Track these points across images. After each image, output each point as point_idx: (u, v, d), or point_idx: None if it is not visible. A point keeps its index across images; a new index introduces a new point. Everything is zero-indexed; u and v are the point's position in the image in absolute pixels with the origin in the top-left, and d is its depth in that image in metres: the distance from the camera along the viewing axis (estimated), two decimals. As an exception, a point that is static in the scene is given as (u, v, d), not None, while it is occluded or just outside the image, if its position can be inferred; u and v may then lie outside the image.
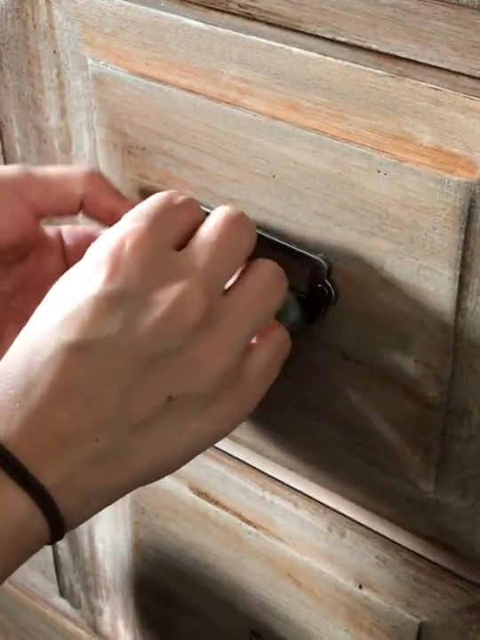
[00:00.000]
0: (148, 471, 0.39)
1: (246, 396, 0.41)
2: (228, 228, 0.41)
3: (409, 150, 0.38)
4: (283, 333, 0.43)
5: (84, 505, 0.38)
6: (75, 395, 0.37)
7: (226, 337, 0.39)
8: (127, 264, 0.38)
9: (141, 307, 0.38)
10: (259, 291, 0.41)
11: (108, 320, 0.37)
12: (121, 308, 0.37)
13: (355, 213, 0.41)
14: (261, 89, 0.41)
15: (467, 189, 0.37)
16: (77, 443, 0.37)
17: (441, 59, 0.36)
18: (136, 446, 0.38)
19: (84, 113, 0.49)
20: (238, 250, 0.41)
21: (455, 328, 0.40)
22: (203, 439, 0.40)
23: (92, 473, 0.37)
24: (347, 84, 0.39)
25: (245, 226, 0.42)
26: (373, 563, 0.51)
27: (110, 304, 0.37)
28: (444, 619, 0.49)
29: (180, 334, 0.38)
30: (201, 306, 0.39)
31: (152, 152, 0.46)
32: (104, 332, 0.37)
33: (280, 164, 0.42)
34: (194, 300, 0.38)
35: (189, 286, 0.39)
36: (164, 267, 0.39)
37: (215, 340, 0.39)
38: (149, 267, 0.38)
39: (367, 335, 0.43)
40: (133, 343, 0.37)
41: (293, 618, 0.56)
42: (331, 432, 0.48)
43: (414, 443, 0.44)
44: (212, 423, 0.40)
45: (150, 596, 0.66)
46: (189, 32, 0.42)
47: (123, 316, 0.38)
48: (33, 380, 0.36)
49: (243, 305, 0.41)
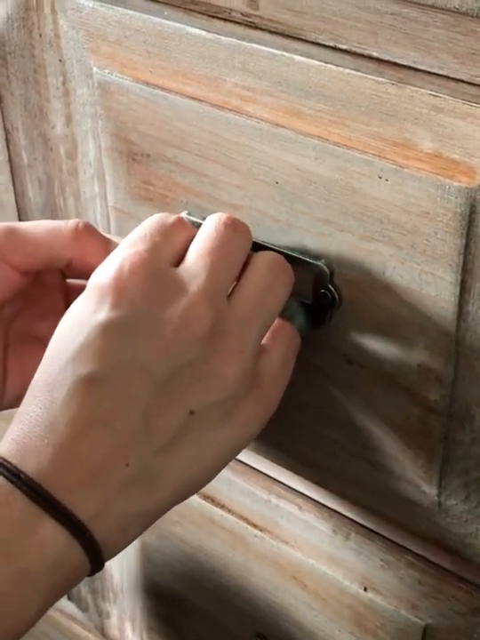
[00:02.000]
0: (181, 489, 0.39)
1: (266, 396, 0.42)
2: (221, 235, 0.41)
3: (410, 156, 0.38)
4: (290, 330, 0.44)
5: (120, 532, 0.38)
6: (98, 425, 0.37)
7: (236, 343, 0.40)
8: (129, 288, 0.39)
9: (150, 328, 0.38)
10: (260, 289, 0.42)
11: (120, 347, 0.38)
12: (130, 332, 0.38)
13: (357, 219, 0.41)
14: (264, 96, 0.42)
15: (467, 195, 0.37)
16: (107, 471, 0.37)
17: (441, 66, 0.36)
18: (166, 466, 0.38)
19: (90, 120, 0.49)
20: (234, 254, 0.42)
21: (457, 332, 0.41)
22: (231, 447, 0.41)
23: (126, 499, 0.37)
24: (348, 92, 0.39)
25: (238, 229, 0.42)
26: (378, 565, 0.51)
27: (119, 331, 0.38)
28: (449, 621, 0.49)
29: (190, 348, 0.39)
30: (207, 317, 0.39)
31: (156, 159, 0.47)
32: (117, 359, 0.38)
33: (282, 170, 0.42)
34: (199, 312, 0.39)
35: (193, 300, 0.39)
36: (165, 285, 0.39)
37: (226, 347, 0.39)
38: (151, 287, 0.39)
39: (370, 339, 0.44)
40: (147, 366, 0.38)
41: (299, 620, 0.56)
42: (335, 435, 0.48)
43: (417, 446, 0.45)
44: (237, 429, 0.40)
45: (157, 599, 0.66)
46: (193, 40, 0.43)
47: (133, 341, 0.38)
48: (56, 416, 0.37)
49: (247, 308, 0.41)
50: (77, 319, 0.39)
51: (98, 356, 0.37)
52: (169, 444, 0.38)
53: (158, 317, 0.38)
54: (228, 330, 0.40)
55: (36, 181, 0.54)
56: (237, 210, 0.45)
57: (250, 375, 0.41)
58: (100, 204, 0.51)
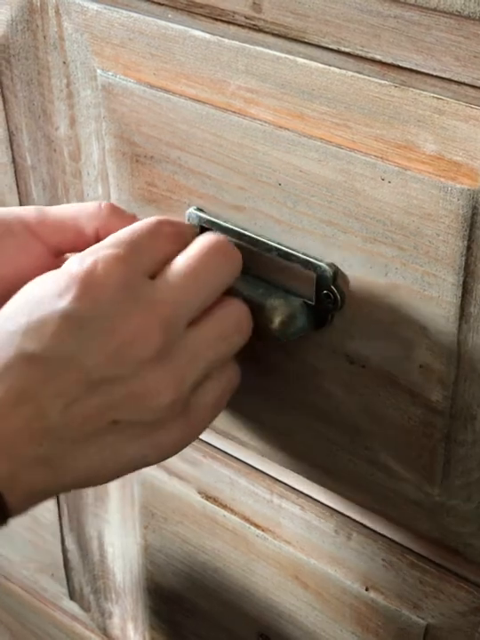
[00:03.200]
0: (82, 481, 0.41)
1: (191, 426, 0.43)
2: (207, 258, 0.42)
3: (412, 158, 0.39)
4: (235, 371, 0.45)
5: (26, 500, 0.39)
6: (26, 400, 0.38)
7: (177, 372, 0.41)
8: (97, 287, 0.39)
9: (101, 333, 0.39)
10: (222, 332, 0.42)
11: (68, 340, 0.39)
12: (82, 330, 0.39)
13: (359, 220, 0.41)
14: (267, 99, 0.42)
15: (469, 197, 0.37)
16: (23, 444, 0.38)
17: (443, 69, 0.37)
18: (75, 459, 0.40)
19: (93, 122, 0.49)
20: (214, 281, 0.42)
21: (459, 333, 0.41)
22: (140, 462, 0.42)
23: (34, 475, 0.39)
24: (351, 94, 0.39)
25: (227, 255, 0.43)
26: (380, 565, 0.51)
27: (73, 325, 0.39)
28: (450, 621, 0.50)
29: (130, 365, 0.40)
30: (156, 343, 0.40)
31: (160, 161, 0.47)
32: (62, 350, 0.39)
33: (286, 172, 0.43)
34: (150, 335, 0.40)
35: (150, 321, 0.40)
36: (132, 295, 0.40)
37: (165, 374, 0.40)
38: (118, 293, 0.40)
39: (372, 340, 0.44)
40: (85, 365, 0.39)
41: (300, 620, 0.57)
42: (337, 436, 0.48)
43: (419, 446, 0.45)
44: (153, 450, 0.42)
45: (159, 599, 0.66)
46: (196, 43, 0.43)
47: (82, 339, 0.39)
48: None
49: (202, 343, 0.42)
50: (42, 294, 0.40)
51: (47, 339, 0.38)
52: (84, 440, 0.40)
53: (112, 325, 0.39)
54: (173, 356, 0.40)
55: (40, 183, 0.54)
56: (241, 211, 0.45)
57: (181, 404, 0.41)
58: (103, 205, 0.52)
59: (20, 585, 0.80)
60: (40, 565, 0.76)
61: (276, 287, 0.46)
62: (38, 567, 0.76)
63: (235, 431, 0.53)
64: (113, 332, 0.39)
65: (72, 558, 0.72)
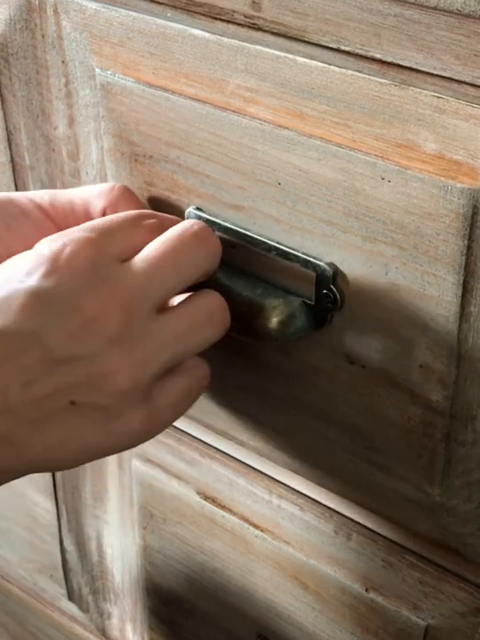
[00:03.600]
0: (41, 462, 0.41)
1: (152, 420, 0.42)
2: (180, 243, 0.41)
3: (412, 158, 0.39)
4: (204, 371, 0.44)
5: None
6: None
7: (138, 357, 0.40)
8: (62, 268, 0.39)
9: (65, 310, 0.39)
10: (192, 323, 0.42)
11: (32, 317, 0.39)
12: (46, 307, 0.39)
13: (359, 220, 0.41)
14: (267, 98, 0.42)
15: (470, 196, 0.37)
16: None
17: (443, 67, 0.37)
18: (32, 437, 0.39)
19: (92, 122, 0.49)
20: (187, 267, 0.42)
21: (459, 333, 0.41)
22: (97, 450, 0.41)
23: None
24: (351, 93, 0.39)
25: (203, 241, 0.42)
26: (379, 566, 0.51)
27: (37, 301, 0.39)
28: (450, 621, 0.50)
29: (92, 345, 0.39)
30: (118, 323, 0.39)
31: (159, 160, 0.47)
32: (25, 326, 0.38)
33: (285, 171, 0.42)
34: (112, 315, 0.39)
35: (112, 299, 0.39)
36: (98, 276, 0.40)
37: (125, 357, 0.40)
38: (83, 274, 0.40)
39: (372, 340, 0.44)
40: (47, 342, 0.39)
41: (300, 621, 0.56)
42: (336, 436, 0.48)
43: (419, 446, 0.45)
44: (112, 438, 0.41)
45: (158, 600, 0.66)
46: (196, 42, 0.43)
47: (45, 316, 0.39)
48: None
49: (170, 332, 0.41)
50: (11, 273, 0.40)
51: (11, 314, 0.38)
52: (42, 420, 0.39)
53: (77, 303, 0.39)
54: (137, 343, 0.40)
55: (39, 182, 0.54)
56: (240, 211, 0.45)
57: (142, 393, 0.41)
58: (102, 204, 0.52)
59: (19, 585, 0.80)
60: (39, 566, 0.76)
61: (275, 287, 0.46)
62: (37, 568, 0.76)
63: (233, 431, 0.53)
64: (76, 311, 0.39)
65: (71, 559, 0.71)
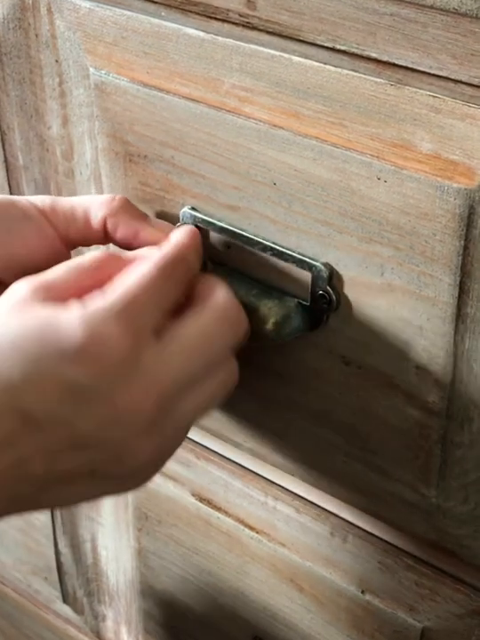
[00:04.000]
0: (41, 509, 0.42)
1: (162, 451, 0.42)
2: (214, 327, 0.41)
3: (408, 157, 0.38)
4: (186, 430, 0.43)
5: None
6: (12, 450, 0.38)
7: (161, 441, 0.40)
8: (99, 358, 0.38)
9: (98, 403, 0.39)
10: (212, 399, 0.42)
11: (66, 405, 0.38)
12: (81, 398, 0.38)
13: (355, 220, 0.41)
14: (262, 97, 0.42)
15: (466, 196, 0.37)
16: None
17: (439, 67, 0.36)
18: (44, 497, 0.40)
19: (86, 121, 0.49)
20: (216, 353, 0.42)
21: (455, 334, 0.40)
22: (101, 497, 0.42)
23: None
24: (346, 93, 0.39)
25: (234, 323, 0.42)
26: (375, 568, 0.51)
27: (73, 393, 0.38)
28: (447, 623, 0.49)
29: (121, 432, 0.39)
30: (149, 415, 0.39)
31: (153, 160, 0.47)
32: (57, 413, 0.38)
33: (281, 171, 0.42)
34: (144, 407, 0.39)
35: (145, 394, 0.39)
36: (134, 364, 0.39)
37: (152, 443, 0.40)
38: (120, 363, 0.39)
39: (368, 341, 0.44)
40: (77, 428, 0.38)
41: (296, 623, 0.56)
42: (332, 437, 0.48)
43: (415, 448, 0.45)
44: (119, 489, 0.42)
45: (153, 602, 0.66)
46: (190, 41, 0.43)
47: (79, 406, 0.38)
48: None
49: (190, 413, 0.41)
50: (41, 348, 0.38)
51: (44, 401, 0.38)
52: (58, 485, 0.39)
53: (110, 397, 0.39)
54: (164, 429, 0.40)
55: (32, 183, 0.54)
56: (235, 211, 0.45)
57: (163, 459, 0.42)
58: (96, 205, 0.51)
59: (13, 588, 0.79)
60: (33, 568, 0.75)
61: (270, 287, 0.46)
62: (31, 570, 0.76)
63: (229, 433, 0.53)
64: (109, 403, 0.39)
65: (65, 561, 0.71)
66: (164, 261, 0.41)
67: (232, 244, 0.46)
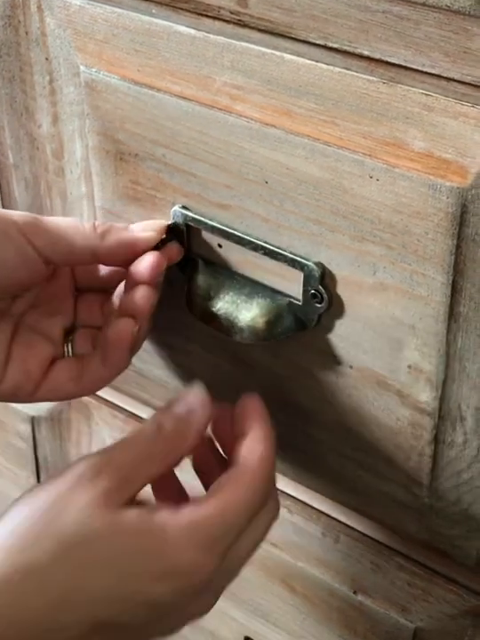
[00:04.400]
0: None
1: (227, 582, 0.43)
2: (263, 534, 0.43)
3: (401, 156, 0.38)
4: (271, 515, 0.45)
5: None
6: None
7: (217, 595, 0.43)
8: (190, 585, 0.40)
9: (172, 615, 0.41)
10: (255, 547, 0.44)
11: (146, 622, 0.40)
12: (159, 613, 0.40)
13: (347, 219, 0.41)
14: (254, 95, 0.41)
15: (459, 195, 0.37)
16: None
17: (432, 64, 0.36)
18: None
19: (77, 120, 0.49)
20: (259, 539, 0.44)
21: (448, 333, 0.40)
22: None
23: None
24: (339, 91, 0.39)
25: (276, 517, 0.45)
26: (367, 568, 0.51)
27: (156, 612, 0.40)
28: (439, 624, 0.49)
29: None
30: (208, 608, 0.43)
31: (144, 159, 0.46)
32: (130, 625, 0.40)
33: (273, 170, 0.42)
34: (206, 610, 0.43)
35: (212, 601, 0.43)
36: (208, 587, 0.41)
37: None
38: (199, 588, 0.41)
39: (360, 340, 0.43)
40: (143, 635, 0.41)
41: (287, 624, 0.56)
42: (324, 437, 0.48)
43: (408, 448, 0.44)
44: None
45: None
46: (181, 39, 0.43)
47: (155, 619, 0.40)
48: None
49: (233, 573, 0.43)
50: (131, 566, 0.39)
51: (126, 617, 0.40)
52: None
53: (185, 611, 0.42)
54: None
55: (23, 181, 0.54)
56: (227, 210, 0.45)
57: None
58: (87, 204, 0.51)
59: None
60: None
61: (262, 286, 0.46)
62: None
63: (221, 433, 0.52)
64: (181, 614, 0.41)
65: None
66: (255, 494, 0.42)
67: (224, 243, 0.46)
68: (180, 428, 0.43)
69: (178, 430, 0.43)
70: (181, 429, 0.43)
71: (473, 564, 0.45)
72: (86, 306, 0.48)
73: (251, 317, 0.45)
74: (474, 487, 0.43)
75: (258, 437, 0.43)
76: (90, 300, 0.48)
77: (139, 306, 0.44)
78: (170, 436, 0.42)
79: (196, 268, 0.47)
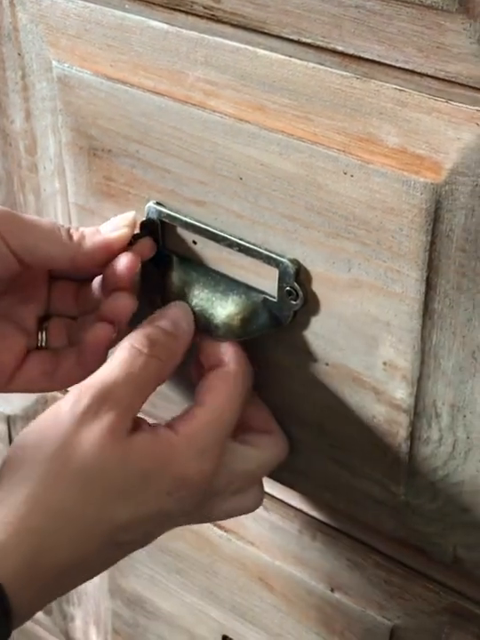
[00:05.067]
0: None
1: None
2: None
3: (375, 152, 0.38)
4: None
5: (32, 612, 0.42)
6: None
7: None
8: (192, 492, 0.43)
9: (180, 518, 0.44)
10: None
11: (153, 528, 0.43)
12: (169, 522, 0.44)
13: (321, 215, 0.40)
14: (227, 90, 0.41)
15: (432, 191, 0.37)
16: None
17: (405, 60, 0.36)
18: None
19: (49, 115, 0.48)
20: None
21: (423, 330, 0.40)
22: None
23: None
24: (312, 86, 0.38)
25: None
26: (345, 566, 0.50)
27: (166, 519, 0.43)
28: (416, 621, 0.49)
29: None
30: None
31: (118, 154, 0.46)
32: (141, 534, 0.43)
33: (247, 165, 0.42)
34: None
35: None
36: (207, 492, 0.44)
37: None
38: (201, 494, 0.43)
39: (336, 337, 0.43)
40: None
41: (265, 622, 0.56)
42: (301, 434, 0.47)
43: (384, 445, 0.44)
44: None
45: (122, 602, 0.65)
46: (154, 34, 0.42)
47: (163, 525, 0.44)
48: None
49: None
50: (147, 484, 0.42)
51: (140, 534, 0.43)
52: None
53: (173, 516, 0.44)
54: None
55: (-4, 178, 0.53)
56: (201, 206, 0.44)
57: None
58: (60, 200, 0.51)
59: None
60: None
61: (237, 283, 0.45)
62: None
63: (197, 431, 0.52)
64: (187, 516, 0.44)
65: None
66: (236, 394, 0.44)
67: (198, 240, 0.46)
68: (170, 344, 0.44)
69: (168, 347, 0.44)
70: (171, 346, 0.44)
71: (450, 562, 0.45)
72: (60, 294, 0.48)
73: (226, 314, 0.45)
74: (450, 484, 0.43)
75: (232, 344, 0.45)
76: (64, 288, 0.48)
77: (118, 313, 0.45)
78: (161, 354, 0.43)
79: (170, 264, 0.47)
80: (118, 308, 0.45)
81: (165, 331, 0.44)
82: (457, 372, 0.40)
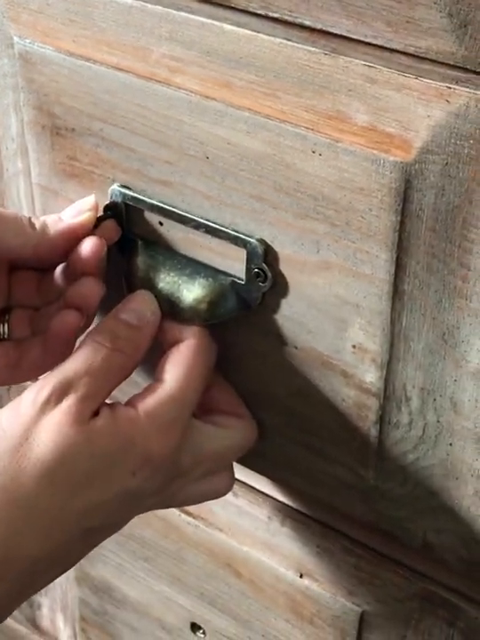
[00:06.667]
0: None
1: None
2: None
3: (344, 130, 0.37)
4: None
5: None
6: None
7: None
8: (157, 469, 0.42)
9: (148, 497, 0.43)
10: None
11: (119, 507, 0.43)
12: (135, 501, 0.43)
13: (290, 195, 0.40)
14: (193, 67, 0.40)
15: (402, 170, 0.36)
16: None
17: (374, 35, 0.35)
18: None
19: (11, 93, 0.47)
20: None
21: (392, 312, 0.40)
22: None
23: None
24: (280, 62, 0.38)
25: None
26: (314, 551, 0.50)
27: (132, 498, 0.42)
28: (386, 607, 0.49)
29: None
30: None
31: (82, 133, 0.45)
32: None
33: (213, 144, 0.41)
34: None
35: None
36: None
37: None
38: (166, 471, 0.43)
39: (305, 320, 0.43)
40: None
41: (234, 609, 0.56)
42: (270, 419, 0.47)
43: (353, 429, 0.44)
44: None
45: (89, 590, 0.65)
46: (118, 8, 0.41)
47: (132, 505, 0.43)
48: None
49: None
50: (109, 465, 0.41)
51: (106, 516, 0.42)
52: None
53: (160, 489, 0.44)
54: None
55: (-43, 158, 0.52)
56: (167, 186, 0.43)
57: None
58: (23, 180, 0.49)
59: None
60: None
61: (204, 266, 0.44)
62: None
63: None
64: (156, 496, 0.44)
65: (-1, 549, 0.70)
66: (195, 370, 0.43)
67: (164, 222, 0.45)
68: (134, 337, 0.43)
69: (131, 340, 0.43)
70: (135, 338, 0.43)
71: (419, 546, 0.45)
72: (21, 284, 0.46)
73: (193, 298, 0.44)
74: (420, 468, 0.43)
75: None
76: (25, 278, 0.46)
77: (86, 299, 0.44)
78: (125, 348, 0.43)
79: (135, 248, 0.46)
80: (85, 293, 0.44)
81: (129, 324, 0.43)
82: (427, 355, 0.40)
